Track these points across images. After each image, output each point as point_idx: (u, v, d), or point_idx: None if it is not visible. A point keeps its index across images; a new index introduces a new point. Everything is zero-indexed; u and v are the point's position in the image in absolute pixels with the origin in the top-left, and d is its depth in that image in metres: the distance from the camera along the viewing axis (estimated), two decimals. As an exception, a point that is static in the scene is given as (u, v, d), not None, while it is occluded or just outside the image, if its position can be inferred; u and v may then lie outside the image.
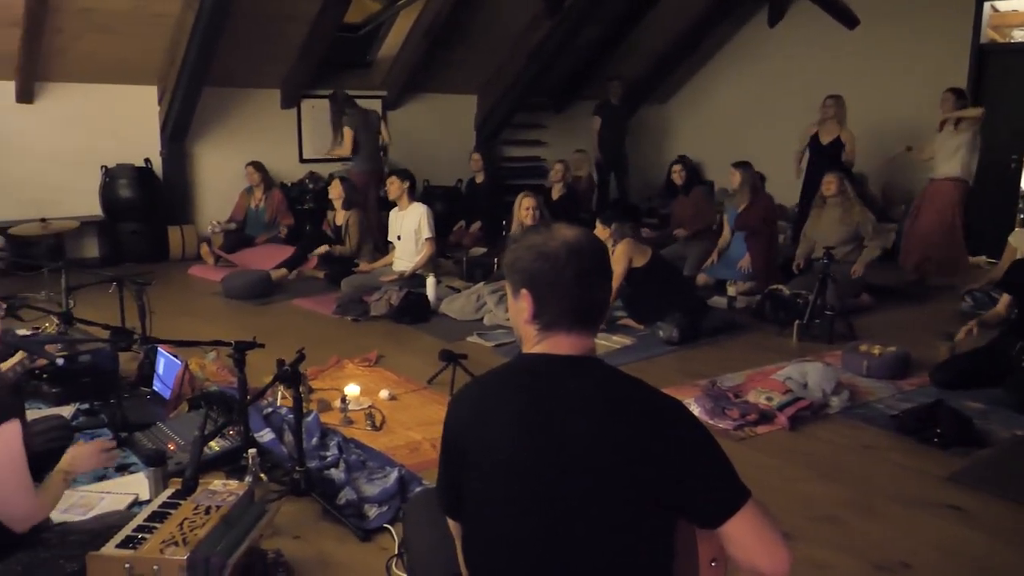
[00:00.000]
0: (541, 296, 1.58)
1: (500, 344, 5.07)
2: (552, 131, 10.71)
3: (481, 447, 1.55)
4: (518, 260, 1.61)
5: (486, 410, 1.58)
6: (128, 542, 2.27)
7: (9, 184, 7.14)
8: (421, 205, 6.27)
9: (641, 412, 1.53)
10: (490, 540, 1.56)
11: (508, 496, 1.52)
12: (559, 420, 1.50)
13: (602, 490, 1.47)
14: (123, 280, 4.38)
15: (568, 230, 1.60)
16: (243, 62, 7.91)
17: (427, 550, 1.86)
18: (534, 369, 1.59)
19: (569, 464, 1.48)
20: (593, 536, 1.48)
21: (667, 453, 1.48)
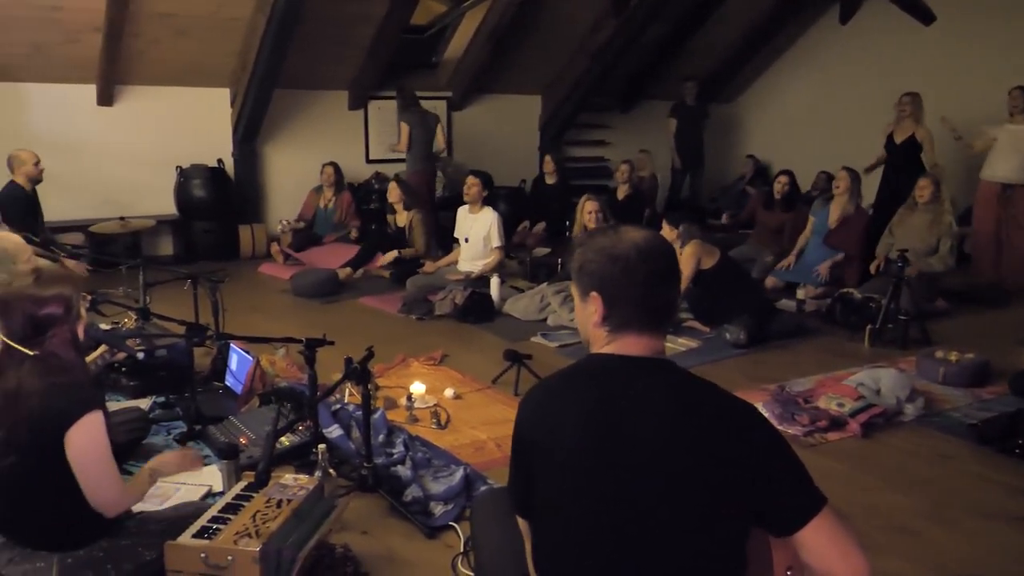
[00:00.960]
0: (611, 299, 1.57)
1: (564, 345, 5.06)
2: (616, 131, 10.65)
3: (551, 447, 1.55)
4: (587, 263, 1.61)
5: (556, 410, 1.58)
6: (203, 532, 2.33)
7: (90, 184, 7.40)
8: (492, 212, 6.27)
9: (715, 415, 1.51)
10: (559, 540, 1.56)
11: (577, 496, 1.51)
12: (629, 421, 1.49)
13: (673, 493, 1.46)
14: (197, 277, 4.50)
15: (636, 232, 1.60)
16: (312, 65, 8.06)
17: (495, 549, 1.87)
18: (604, 369, 1.59)
19: (639, 465, 1.47)
20: (664, 539, 1.46)
21: (741, 458, 1.46)
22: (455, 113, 9.52)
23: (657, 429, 1.48)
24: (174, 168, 7.82)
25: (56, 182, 6.26)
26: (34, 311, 2.22)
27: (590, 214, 5.84)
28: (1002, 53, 8.17)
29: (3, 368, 2.25)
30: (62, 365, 2.24)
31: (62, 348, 2.26)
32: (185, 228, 7.86)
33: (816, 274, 6.28)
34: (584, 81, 9.45)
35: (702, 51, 10.11)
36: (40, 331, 2.23)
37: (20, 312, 2.23)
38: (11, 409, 2.18)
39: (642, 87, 10.49)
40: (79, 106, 7.45)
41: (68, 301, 2.28)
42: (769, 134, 10.81)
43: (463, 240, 6.41)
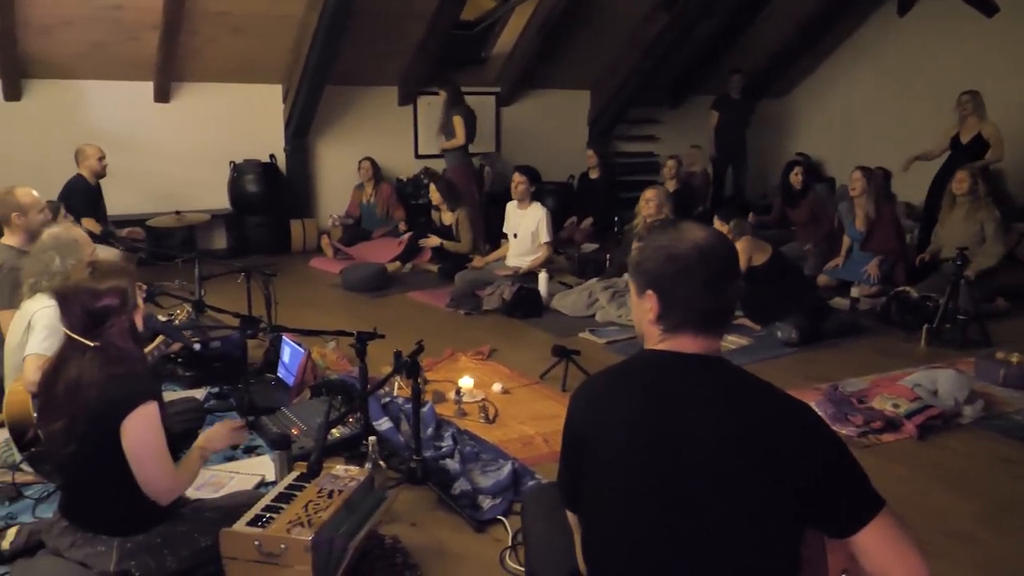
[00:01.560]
0: (668, 298, 1.55)
1: (612, 341, 5.04)
2: (666, 126, 10.56)
3: (602, 443, 1.54)
4: (645, 260, 1.59)
5: (608, 405, 1.57)
6: (257, 520, 2.37)
7: (147, 179, 7.57)
8: (541, 207, 6.26)
9: (770, 414, 1.49)
10: (609, 536, 1.55)
11: (628, 493, 1.50)
12: (683, 418, 1.48)
13: (726, 492, 1.44)
14: (251, 271, 4.57)
15: (699, 231, 1.57)
16: (363, 61, 8.13)
17: (545, 544, 1.87)
18: (657, 366, 1.57)
19: (692, 463, 1.46)
20: (715, 538, 1.45)
21: (797, 458, 1.44)
22: (503, 108, 9.53)
23: (710, 427, 1.47)
24: (228, 163, 7.96)
25: (115, 177, 6.41)
26: (91, 304, 2.28)
27: (648, 201, 5.76)
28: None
29: (67, 359, 2.32)
30: (121, 355, 2.30)
31: (120, 338, 2.31)
32: (238, 222, 7.99)
33: (866, 274, 6.16)
34: (634, 76, 9.38)
35: (754, 45, 9.96)
36: (98, 323, 2.28)
37: (78, 305, 2.29)
38: (72, 399, 2.24)
39: (692, 82, 10.38)
40: (137, 103, 7.61)
41: (124, 293, 2.33)
42: (820, 131, 10.60)
43: (511, 236, 6.42)
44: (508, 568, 2.60)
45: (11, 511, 2.87)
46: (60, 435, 2.26)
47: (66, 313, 2.33)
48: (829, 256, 6.64)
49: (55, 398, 2.29)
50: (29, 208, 3.85)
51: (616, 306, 5.51)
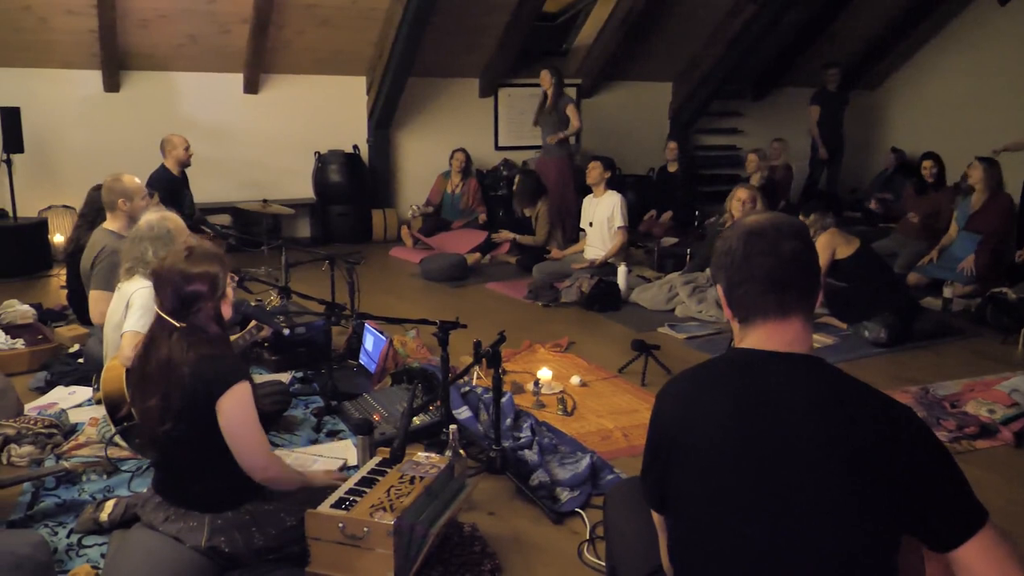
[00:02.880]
0: (731, 286, 1.53)
1: (692, 336, 4.97)
2: (750, 119, 10.35)
3: (690, 443, 1.51)
4: (714, 251, 1.57)
5: (696, 405, 1.53)
6: (341, 503, 2.42)
7: (236, 168, 7.80)
8: (615, 193, 6.22)
9: (870, 417, 1.43)
10: (696, 539, 1.51)
11: (718, 496, 1.47)
12: (775, 419, 1.44)
13: (821, 497, 1.39)
14: (335, 259, 4.65)
15: (757, 215, 1.55)
16: (445, 53, 8.20)
17: (629, 541, 1.85)
18: (747, 364, 1.53)
19: (785, 466, 1.41)
20: (808, 544, 1.40)
21: (898, 465, 1.38)
22: (585, 100, 9.46)
23: (804, 428, 1.42)
24: (313, 153, 8.13)
25: (205, 166, 6.63)
26: (181, 286, 2.35)
27: (738, 201, 5.54)
28: None
29: (156, 338, 2.40)
30: (207, 338, 2.37)
31: (206, 322, 2.38)
32: (322, 211, 8.16)
33: (961, 270, 5.91)
34: (718, 68, 9.21)
35: (844, 36, 9.66)
36: (187, 305, 2.36)
37: (170, 286, 2.37)
38: (164, 377, 2.32)
39: (777, 74, 10.13)
40: (227, 94, 7.85)
41: (214, 279, 2.40)
42: (915, 123, 10.21)
43: (587, 225, 6.39)
44: (586, 561, 2.58)
45: (108, 484, 3.00)
46: (154, 412, 2.34)
47: (159, 292, 2.41)
48: (921, 257, 6.39)
49: (148, 376, 2.38)
50: (134, 194, 4.01)
51: (696, 301, 5.43)
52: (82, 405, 3.74)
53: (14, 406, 3.52)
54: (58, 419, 3.42)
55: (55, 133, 7.15)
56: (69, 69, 7.17)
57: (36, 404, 3.73)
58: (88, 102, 7.32)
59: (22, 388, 3.88)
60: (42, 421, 3.34)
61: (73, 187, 6.48)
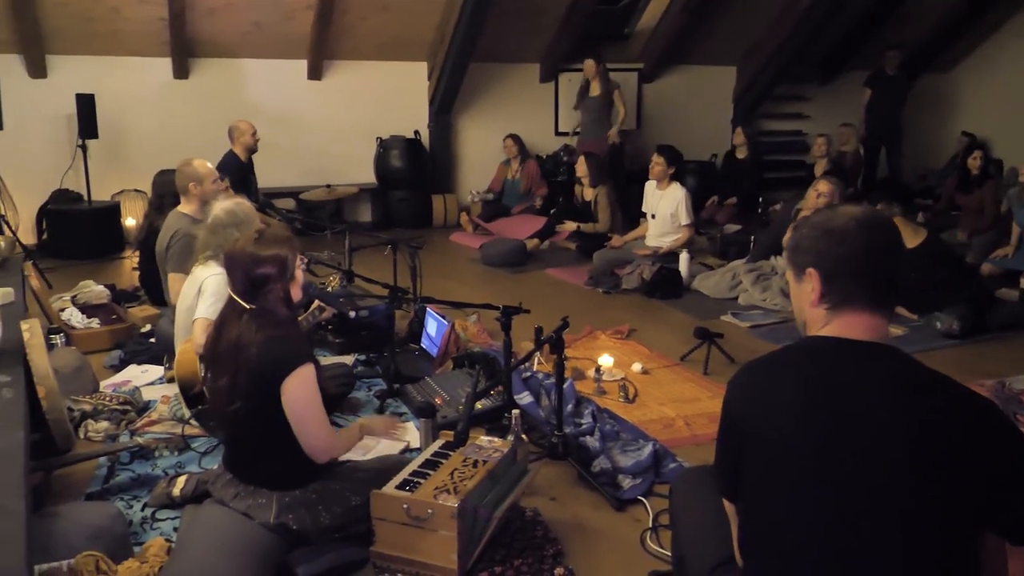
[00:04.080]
0: (829, 273, 1.51)
1: (756, 325, 4.89)
2: (816, 104, 10.10)
3: (764, 432, 1.49)
4: (803, 240, 1.56)
5: (770, 394, 1.51)
6: (405, 485, 2.45)
7: (300, 154, 7.91)
8: (680, 188, 6.08)
9: (950, 408, 1.39)
10: (770, 529, 1.49)
11: (792, 485, 1.44)
12: (852, 409, 1.41)
13: (898, 489, 1.36)
14: (397, 243, 4.69)
15: (854, 207, 1.54)
16: (506, 38, 8.17)
17: (698, 531, 1.82)
18: (822, 352, 1.51)
19: (862, 457, 1.39)
20: (883, 536, 1.37)
21: (979, 458, 1.34)
22: (646, 85, 9.37)
23: (881, 418, 1.39)
24: (374, 139, 8.20)
25: (269, 151, 6.73)
26: (251, 269, 2.39)
27: (819, 196, 5.27)
28: None
29: (227, 319, 2.45)
30: (276, 320, 2.41)
31: (275, 304, 2.42)
32: (383, 196, 8.23)
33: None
34: (784, 51, 8.99)
35: (915, 17, 9.35)
36: (257, 287, 2.40)
37: (240, 268, 2.41)
38: (234, 357, 2.37)
39: (845, 57, 9.86)
40: (291, 80, 7.95)
41: (283, 262, 2.43)
42: (988, 108, 9.84)
43: (650, 216, 6.32)
44: (649, 550, 2.57)
45: (180, 460, 3.08)
46: (224, 392, 2.39)
47: (230, 274, 2.46)
48: (995, 246, 6.18)
49: (219, 356, 2.43)
50: (204, 178, 4.10)
51: (760, 289, 5.34)
52: (154, 383, 3.85)
53: (90, 383, 3.64)
54: (132, 396, 3.53)
55: (127, 119, 7.34)
56: (140, 57, 7.35)
57: (111, 381, 3.85)
58: (158, 89, 7.50)
59: (97, 366, 4.01)
60: (117, 398, 3.45)
61: (144, 172, 6.63)
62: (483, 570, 2.40)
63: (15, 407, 2.09)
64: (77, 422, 3.24)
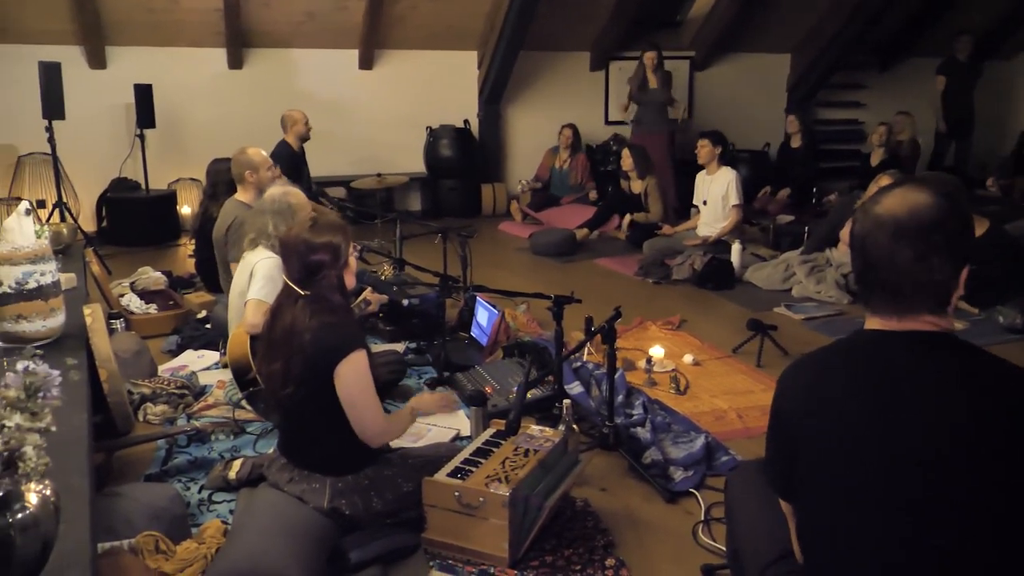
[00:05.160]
0: (866, 269, 1.44)
1: (810, 318, 4.80)
2: (873, 92, 9.87)
3: (818, 428, 1.45)
4: (854, 227, 1.48)
5: (821, 388, 1.47)
6: (457, 473, 2.46)
7: (351, 143, 7.97)
8: (730, 170, 6.05)
9: (1014, 400, 1.34)
10: (826, 526, 1.46)
11: (849, 482, 1.41)
12: (908, 404, 1.36)
13: (957, 484, 1.32)
14: (448, 232, 4.70)
15: (905, 194, 1.41)
16: (556, 26, 8.12)
17: (754, 526, 1.80)
18: (880, 345, 1.45)
19: (922, 453, 1.35)
20: (942, 532, 1.34)
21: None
22: (697, 73, 9.24)
23: (940, 413, 1.35)
24: (424, 128, 8.23)
25: (320, 140, 6.79)
26: (306, 255, 2.42)
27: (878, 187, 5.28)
28: None
29: (282, 305, 2.48)
30: (330, 306, 2.43)
31: (329, 290, 2.45)
32: (432, 185, 8.26)
33: None
34: (841, 38, 8.79)
35: (977, 4, 9.06)
36: (311, 274, 2.43)
37: (295, 255, 2.44)
38: (288, 343, 2.40)
39: (905, 43, 9.61)
40: (342, 70, 8.01)
41: (337, 249, 2.46)
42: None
43: (701, 204, 6.24)
44: (701, 543, 2.54)
45: (235, 444, 3.14)
46: (278, 377, 2.43)
47: (285, 261, 2.50)
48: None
49: (273, 342, 2.47)
50: (259, 166, 4.16)
51: (815, 281, 5.24)
52: (210, 368, 3.92)
53: (149, 367, 3.72)
54: (189, 381, 3.60)
55: (183, 109, 7.47)
56: (196, 48, 7.46)
57: (168, 366, 3.93)
58: (213, 79, 7.61)
59: (155, 350, 4.10)
60: (174, 382, 3.52)
61: (199, 161, 6.75)
62: (534, 559, 2.40)
63: (80, 389, 2.14)
64: (136, 405, 3.32)
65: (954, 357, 1.41)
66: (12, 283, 2.35)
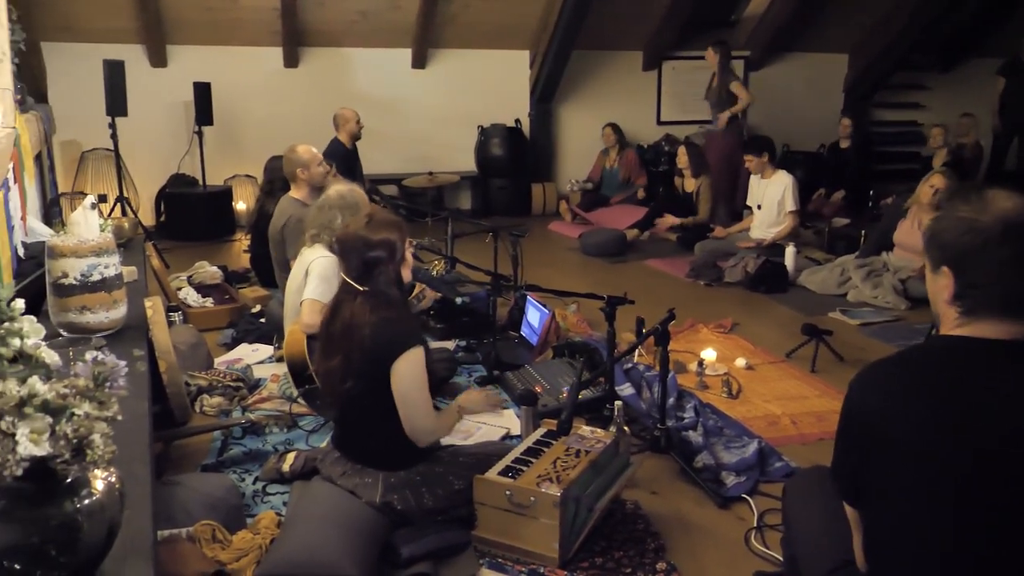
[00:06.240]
0: (965, 278, 1.40)
1: (867, 323, 4.70)
2: (934, 93, 9.65)
3: (893, 436, 1.41)
4: (942, 232, 1.45)
5: (900, 395, 1.43)
6: (508, 471, 2.45)
7: (403, 141, 8.03)
8: (787, 175, 5.94)
9: None
10: (897, 536, 1.43)
11: (924, 491, 1.38)
12: (988, 414, 1.33)
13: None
14: (499, 231, 4.70)
15: (1007, 200, 1.39)
16: (609, 25, 8.09)
17: (814, 534, 1.76)
18: (960, 353, 1.42)
19: (997, 465, 1.31)
20: (1018, 550, 1.29)
21: None
22: (752, 73, 9.11)
23: (1018, 423, 1.31)
24: (476, 127, 8.25)
25: (373, 138, 6.86)
26: (363, 252, 2.45)
27: (930, 188, 5.09)
28: None
29: (341, 301, 2.51)
30: (389, 301, 2.46)
31: (387, 286, 2.47)
32: (483, 184, 8.29)
33: None
34: (903, 37, 8.61)
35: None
36: (369, 269, 2.45)
37: (353, 251, 2.47)
38: (347, 337, 2.43)
39: (969, 44, 9.36)
40: (395, 69, 8.08)
41: (393, 245, 2.48)
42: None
43: (755, 207, 6.16)
44: (753, 549, 2.50)
45: (289, 438, 3.18)
46: (337, 372, 2.46)
47: (343, 258, 2.53)
48: None
49: (332, 337, 2.50)
50: (310, 163, 4.21)
51: (871, 286, 5.14)
52: (264, 362, 3.98)
53: (206, 359, 3.79)
54: (244, 374, 3.66)
55: (240, 107, 7.60)
56: (253, 46, 7.59)
57: (224, 359, 4.00)
58: (269, 77, 7.74)
59: (211, 343, 4.17)
60: (230, 375, 3.58)
61: (255, 158, 6.88)
62: (583, 560, 2.39)
63: (143, 380, 2.19)
64: (193, 396, 3.38)
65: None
66: (77, 275, 2.40)
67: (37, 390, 1.27)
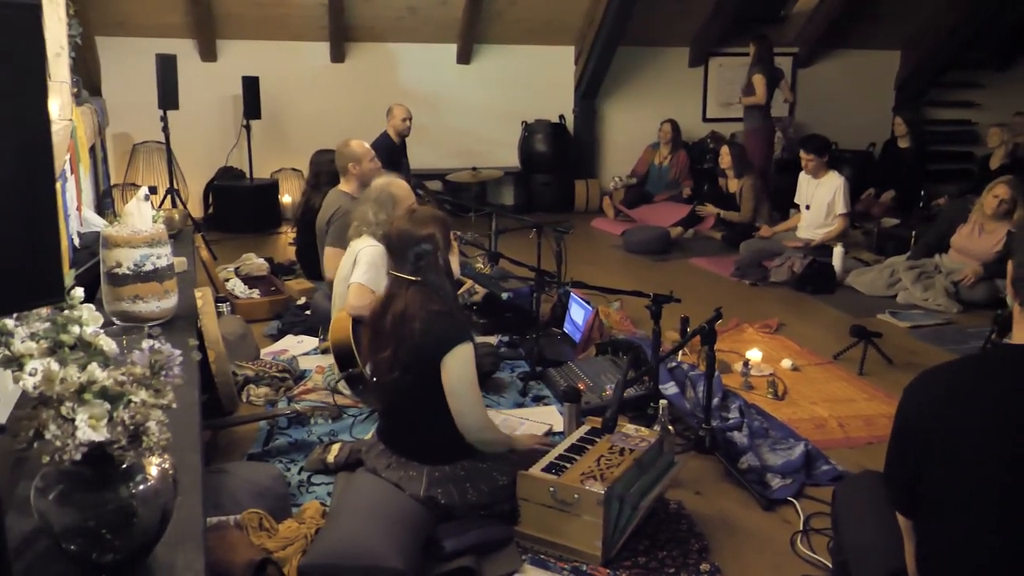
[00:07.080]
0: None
1: (917, 326, 4.61)
2: (990, 91, 9.38)
3: (952, 444, 1.38)
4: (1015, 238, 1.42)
5: (958, 404, 1.40)
6: (552, 468, 2.45)
7: (447, 136, 8.05)
8: (839, 176, 5.83)
9: None
10: (956, 548, 1.39)
11: (982, 505, 1.34)
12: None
13: None
14: (543, 227, 4.69)
15: None
16: (656, 21, 8.02)
17: (865, 539, 1.73)
18: (1018, 364, 1.38)
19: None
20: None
21: None
22: (801, 70, 8.98)
23: None
24: (520, 123, 8.24)
25: (418, 133, 6.88)
26: (412, 246, 2.49)
27: (994, 198, 4.92)
28: None
29: (393, 295, 2.53)
30: (440, 294, 2.48)
31: (436, 276, 2.49)
32: (526, 180, 8.27)
33: None
34: (957, 34, 8.40)
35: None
36: (416, 261, 2.47)
37: (401, 246, 2.51)
38: (399, 329, 2.45)
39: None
40: (441, 64, 8.10)
41: (436, 239, 2.50)
42: None
43: (803, 207, 6.06)
44: (799, 553, 2.47)
45: (334, 429, 3.21)
46: (386, 363, 2.48)
47: (392, 254, 2.56)
48: None
49: (383, 329, 2.52)
50: (362, 158, 4.25)
51: (922, 288, 5.03)
52: (309, 353, 4.02)
53: (253, 350, 3.84)
54: (289, 365, 3.70)
55: (287, 101, 7.68)
56: (301, 41, 7.67)
57: (270, 350, 4.05)
58: (316, 72, 7.81)
59: (257, 334, 4.23)
60: (276, 366, 3.63)
61: (301, 152, 6.93)
62: (626, 559, 2.37)
63: (193, 369, 2.22)
64: (240, 386, 3.43)
65: None
66: (131, 265, 2.45)
67: (96, 377, 1.29)
